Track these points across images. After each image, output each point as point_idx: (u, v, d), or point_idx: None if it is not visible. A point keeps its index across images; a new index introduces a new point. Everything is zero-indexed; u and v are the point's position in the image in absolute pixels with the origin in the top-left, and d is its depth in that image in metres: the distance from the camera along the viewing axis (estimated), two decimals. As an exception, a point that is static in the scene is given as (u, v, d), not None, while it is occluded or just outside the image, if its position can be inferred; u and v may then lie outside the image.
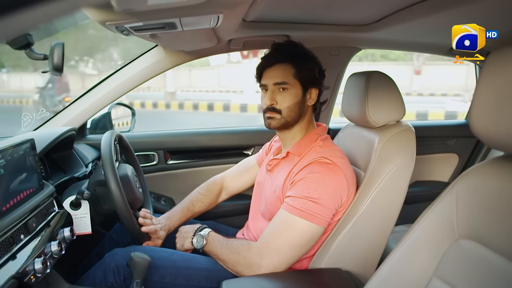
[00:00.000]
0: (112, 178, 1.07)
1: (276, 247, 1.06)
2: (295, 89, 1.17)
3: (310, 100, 1.20)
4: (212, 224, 1.49)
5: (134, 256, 1.01)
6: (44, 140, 1.20)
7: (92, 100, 1.55)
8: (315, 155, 1.13)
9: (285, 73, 1.16)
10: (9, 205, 0.86)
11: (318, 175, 1.09)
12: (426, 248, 0.81)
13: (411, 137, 1.22)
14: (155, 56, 1.56)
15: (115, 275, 1.11)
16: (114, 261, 1.13)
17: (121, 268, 1.11)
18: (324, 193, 1.07)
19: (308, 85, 1.18)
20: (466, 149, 2.12)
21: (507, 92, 0.67)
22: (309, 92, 1.20)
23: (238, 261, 1.09)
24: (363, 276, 1.16)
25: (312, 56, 1.22)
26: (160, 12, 0.84)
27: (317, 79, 1.20)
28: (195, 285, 1.13)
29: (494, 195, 0.72)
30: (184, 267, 1.15)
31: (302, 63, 1.17)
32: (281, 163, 1.23)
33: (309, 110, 1.23)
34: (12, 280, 0.77)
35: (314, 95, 1.21)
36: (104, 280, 1.11)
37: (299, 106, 1.18)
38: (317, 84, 1.21)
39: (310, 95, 1.20)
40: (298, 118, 1.20)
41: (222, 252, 1.12)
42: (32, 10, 0.29)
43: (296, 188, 1.10)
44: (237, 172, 1.51)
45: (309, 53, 1.21)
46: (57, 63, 1.00)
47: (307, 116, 1.22)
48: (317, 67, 1.21)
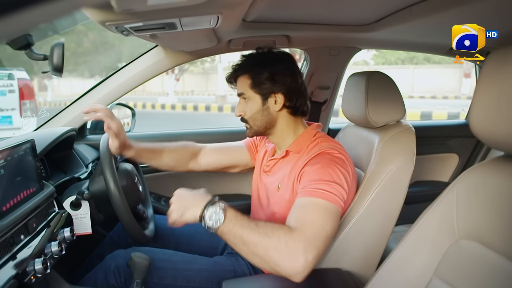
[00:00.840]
0: (111, 178, 1.07)
1: (315, 236, 0.89)
2: (254, 99, 1.16)
3: (276, 105, 1.15)
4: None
5: (134, 256, 1.01)
6: (44, 141, 1.20)
7: (92, 101, 1.55)
8: (321, 148, 1.10)
9: (243, 84, 1.17)
10: (9, 206, 0.86)
11: (330, 163, 1.04)
12: (426, 248, 0.81)
13: (411, 137, 1.22)
14: (155, 56, 1.56)
15: (116, 277, 1.11)
16: (114, 262, 1.13)
17: (122, 269, 1.11)
18: (338, 179, 1.02)
19: (267, 93, 1.14)
20: (466, 149, 2.12)
21: (507, 92, 0.67)
22: (273, 98, 1.14)
23: (277, 246, 0.86)
24: (364, 276, 1.16)
25: (272, 61, 1.16)
26: (160, 13, 0.84)
27: (277, 85, 1.13)
28: (195, 286, 1.13)
29: (494, 195, 0.71)
30: (184, 269, 1.14)
31: (258, 72, 1.14)
32: (280, 162, 1.21)
33: (283, 114, 1.17)
34: (12, 280, 0.77)
35: (280, 99, 1.14)
36: (106, 282, 1.11)
37: (262, 114, 1.16)
38: (278, 89, 1.14)
39: (275, 101, 1.15)
40: (267, 125, 1.18)
41: (250, 233, 0.88)
42: (32, 10, 0.29)
43: (311, 175, 1.03)
44: (219, 146, 1.44)
45: (267, 59, 1.16)
46: (57, 64, 1.00)
47: (283, 120, 1.18)
48: (277, 71, 1.14)
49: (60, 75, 1.03)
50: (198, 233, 1.40)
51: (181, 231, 1.39)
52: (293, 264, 0.85)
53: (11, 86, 3.86)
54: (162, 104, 11.46)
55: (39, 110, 5.09)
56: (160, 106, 11.37)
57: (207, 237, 1.39)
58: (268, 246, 0.86)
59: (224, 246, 1.39)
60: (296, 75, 1.17)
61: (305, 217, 0.94)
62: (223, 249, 1.39)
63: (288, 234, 0.88)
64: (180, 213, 0.94)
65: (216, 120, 8.97)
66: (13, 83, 3.86)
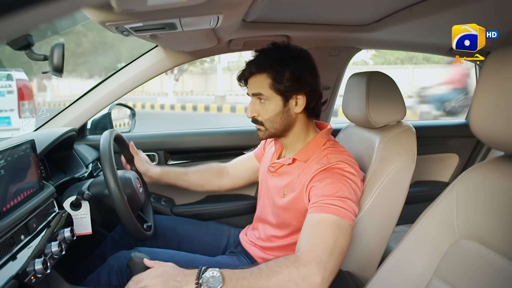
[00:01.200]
0: (111, 178, 1.07)
1: (328, 253, 0.89)
2: (274, 100, 1.09)
3: (297, 107, 1.10)
4: (213, 225, 1.49)
5: (134, 256, 1.01)
6: (44, 141, 1.20)
7: (93, 101, 1.55)
8: (330, 161, 1.06)
9: (261, 84, 1.09)
10: (9, 206, 0.86)
11: (341, 178, 1.02)
12: (426, 248, 0.81)
13: (412, 137, 1.22)
14: (155, 56, 1.56)
15: (118, 277, 1.12)
16: (117, 263, 1.13)
17: (125, 270, 1.11)
18: (350, 194, 1.00)
19: (289, 94, 1.08)
20: (466, 149, 2.12)
21: (507, 92, 0.67)
22: (294, 99, 1.09)
23: (290, 276, 0.84)
24: (364, 277, 1.16)
25: (294, 59, 1.09)
26: (160, 13, 0.84)
27: (301, 85, 1.08)
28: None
29: (494, 195, 0.72)
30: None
31: (280, 71, 1.06)
32: (285, 167, 1.17)
33: (301, 117, 1.13)
34: (12, 280, 0.77)
35: (301, 101, 1.09)
36: (109, 282, 1.11)
37: (282, 117, 1.10)
38: (302, 90, 1.08)
39: (296, 102, 1.10)
40: (285, 128, 1.12)
41: (257, 279, 0.84)
42: (32, 11, 0.29)
43: (322, 190, 1.00)
44: (238, 161, 1.49)
45: (288, 57, 1.09)
46: (57, 64, 1.00)
47: (300, 123, 1.14)
48: (300, 70, 1.08)
49: (60, 76, 1.03)
50: (200, 233, 1.40)
51: (182, 231, 1.39)
52: (312, 287, 0.84)
53: (10, 87, 3.85)
54: (161, 104, 11.45)
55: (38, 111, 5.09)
56: (159, 106, 11.37)
57: (209, 237, 1.39)
58: (281, 281, 0.84)
59: (226, 246, 1.39)
60: (317, 75, 1.12)
61: (317, 236, 0.92)
62: (225, 248, 1.39)
63: (298, 261, 0.86)
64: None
65: (216, 120, 8.97)
66: (11, 84, 3.86)
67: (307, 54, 1.13)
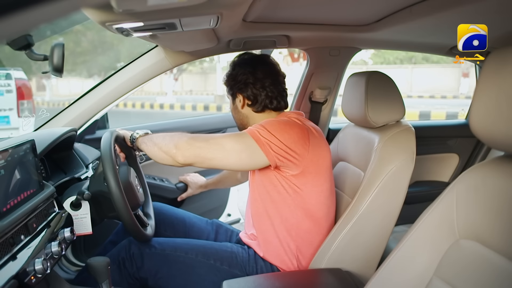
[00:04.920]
0: (112, 178, 1.07)
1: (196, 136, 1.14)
2: (230, 98, 1.33)
3: (240, 104, 1.28)
4: (215, 223, 1.54)
5: (91, 261, 0.97)
6: (44, 141, 1.20)
7: (93, 101, 1.55)
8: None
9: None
10: (9, 206, 0.86)
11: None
12: (426, 248, 0.81)
13: (411, 137, 1.22)
14: (155, 56, 1.56)
15: (127, 265, 1.21)
16: (126, 251, 1.22)
17: (136, 257, 1.21)
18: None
19: (233, 93, 1.30)
20: (466, 149, 2.12)
21: (507, 92, 0.67)
22: (238, 98, 1.28)
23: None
24: (364, 276, 1.16)
25: (237, 63, 1.29)
26: (160, 13, 0.84)
27: (236, 86, 1.27)
28: (193, 258, 1.22)
29: (494, 195, 0.72)
30: (184, 242, 1.27)
31: (226, 75, 1.31)
32: None
33: (248, 113, 1.29)
34: (12, 280, 0.77)
35: (241, 99, 1.28)
36: (119, 269, 1.20)
37: (235, 113, 1.33)
38: (238, 90, 1.27)
39: (240, 101, 1.28)
40: (241, 122, 1.33)
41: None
42: (32, 11, 0.29)
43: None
44: None
45: (236, 61, 1.30)
46: (57, 64, 1.00)
47: (254, 118, 1.28)
48: (236, 73, 1.27)
49: (60, 76, 1.03)
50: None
51: (190, 222, 1.50)
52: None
53: (9, 86, 3.85)
54: (160, 103, 11.45)
55: (37, 110, 5.08)
56: (159, 106, 11.37)
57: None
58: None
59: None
60: (256, 75, 1.25)
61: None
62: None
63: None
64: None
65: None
66: (10, 83, 3.85)
67: (253, 59, 1.30)
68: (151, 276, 1.20)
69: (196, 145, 1.10)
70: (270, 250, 1.22)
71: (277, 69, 1.30)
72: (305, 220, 1.18)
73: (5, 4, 0.28)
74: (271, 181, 1.17)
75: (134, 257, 1.21)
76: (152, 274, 1.20)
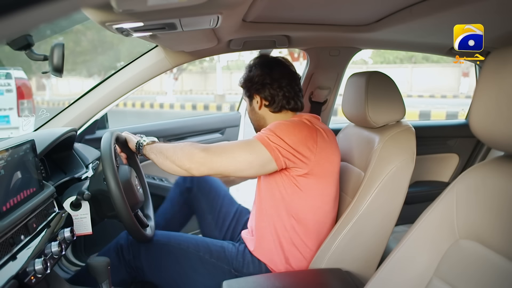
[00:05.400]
0: (111, 178, 1.07)
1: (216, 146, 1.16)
2: (246, 101, 1.36)
3: (257, 105, 1.30)
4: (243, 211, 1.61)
5: (91, 261, 0.97)
6: (44, 141, 1.20)
7: (93, 101, 1.55)
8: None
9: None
10: (9, 206, 0.86)
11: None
12: (426, 248, 0.81)
13: (411, 137, 1.22)
14: (155, 56, 1.56)
15: (125, 253, 1.26)
16: (123, 240, 1.27)
17: (132, 246, 1.26)
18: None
19: (250, 95, 1.32)
20: (466, 149, 2.12)
21: (507, 92, 0.67)
22: (255, 99, 1.30)
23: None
24: (364, 277, 1.16)
25: (254, 65, 1.31)
26: (160, 13, 0.84)
27: (253, 87, 1.29)
28: (184, 249, 1.27)
29: (494, 195, 0.72)
30: (178, 235, 1.33)
31: (243, 77, 1.33)
32: None
33: (265, 114, 1.31)
34: (12, 280, 0.77)
35: (258, 100, 1.30)
36: (117, 258, 1.25)
37: (252, 114, 1.36)
38: (256, 91, 1.29)
39: (257, 101, 1.30)
40: (257, 123, 1.35)
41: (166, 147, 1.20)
42: (32, 11, 0.29)
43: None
44: None
45: (252, 63, 1.32)
46: (57, 64, 1.00)
47: (270, 118, 1.30)
48: (254, 75, 1.28)
49: (60, 76, 1.03)
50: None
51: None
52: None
53: (9, 86, 3.84)
54: (160, 103, 11.45)
55: (37, 110, 5.07)
56: (159, 105, 11.37)
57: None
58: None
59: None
60: (272, 77, 1.27)
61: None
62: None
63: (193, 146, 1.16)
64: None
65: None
66: (10, 83, 3.84)
67: (269, 61, 1.31)
68: (146, 266, 1.26)
69: (209, 159, 1.12)
70: (262, 246, 1.24)
71: (293, 70, 1.31)
72: (296, 223, 1.20)
73: (5, 4, 0.28)
74: (276, 180, 1.19)
75: (132, 245, 1.26)
76: (147, 264, 1.26)
